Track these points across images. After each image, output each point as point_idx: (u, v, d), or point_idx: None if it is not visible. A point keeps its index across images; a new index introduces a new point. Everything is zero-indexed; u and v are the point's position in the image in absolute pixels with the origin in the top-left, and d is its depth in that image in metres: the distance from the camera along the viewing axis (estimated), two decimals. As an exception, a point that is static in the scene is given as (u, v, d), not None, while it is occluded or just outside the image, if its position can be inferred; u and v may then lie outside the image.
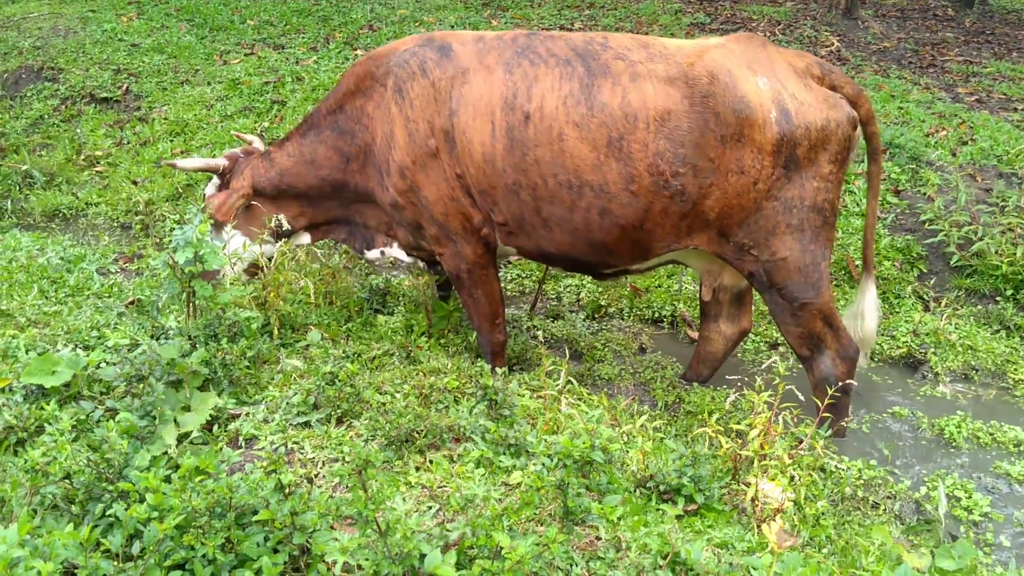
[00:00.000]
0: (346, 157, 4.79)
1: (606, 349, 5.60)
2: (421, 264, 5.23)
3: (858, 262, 6.17)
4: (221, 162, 5.04)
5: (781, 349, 5.71)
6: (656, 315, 6.13)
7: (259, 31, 11.28)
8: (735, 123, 4.09)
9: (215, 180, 5.12)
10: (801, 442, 4.02)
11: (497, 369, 4.25)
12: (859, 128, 4.34)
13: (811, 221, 4.28)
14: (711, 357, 5.12)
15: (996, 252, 6.09)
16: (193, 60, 10.10)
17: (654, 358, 5.49)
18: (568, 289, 6.42)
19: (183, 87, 9.45)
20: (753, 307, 5.13)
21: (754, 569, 2.86)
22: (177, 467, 3.12)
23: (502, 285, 6.37)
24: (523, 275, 6.57)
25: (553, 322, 5.91)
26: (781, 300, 4.43)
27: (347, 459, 3.24)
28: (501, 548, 2.61)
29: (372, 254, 5.13)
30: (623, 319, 6.12)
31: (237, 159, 5.09)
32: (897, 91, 9.40)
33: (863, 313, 4.70)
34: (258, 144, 5.24)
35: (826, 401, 3.90)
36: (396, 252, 5.06)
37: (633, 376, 5.29)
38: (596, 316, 6.15)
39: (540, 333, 5.00)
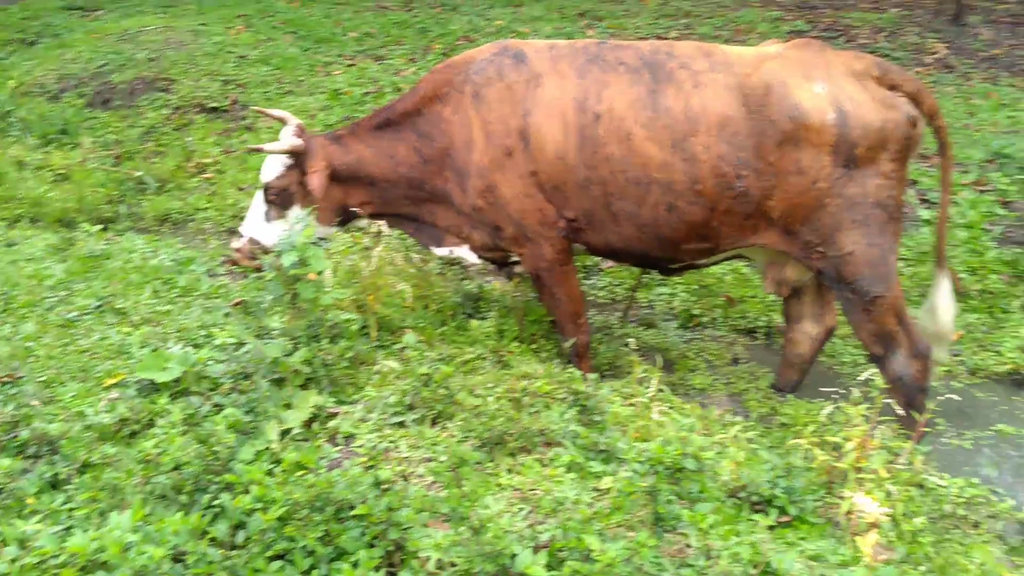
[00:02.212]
0: (424, 158, 4.94)
1: (699, 359, 5.57)
2: (491, 266, 5.36)
3: (962, 276, 6.00)
4: (300, 143, 4.95)
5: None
6: (750, 325, 6.06)
7: (360, 42, 11.58)
8: (791, 128, 4.23)
9: (273, 162, 5.01)
10: (898, 456, 3.94)
11: (588, 374, 4.31)
12: (920, 125, 4.37)
13: (876, 217, 4.34)
14: (799, 360, 5.10)
15: (1112, 266, 5.82)
16: (297, 72, 10.44)
17: (748, 368, 5.45)
18: (661, 297, 6.40)
19: (287, 97, 9.78)
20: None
21: (847, 580, 2.82)
22: (279, 461, 3.26)
23: (594, 294, 6.43)
24: (615, 283, 6.58)
25: (645, 330, 5.91)
26: (852, 295, 4.48)
27: (441, 458, 3.33)
28: (591, 551, 2.65)
29: (441, 251, 5.26)
30: (716, 329, 6.07)
31: (308, 141, 5.01)
32: (1007, 99, 9.06)
33: (936, 307, 4.64)
34: (292, 120, 5.09)
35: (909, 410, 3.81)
36: (464, 252, 5.19)
37: (726, 386, 5.26)
38: (689, 325, 6.12)
39: (632, 341, 5.00)
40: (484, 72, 4.72)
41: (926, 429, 4.61)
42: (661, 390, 4.34)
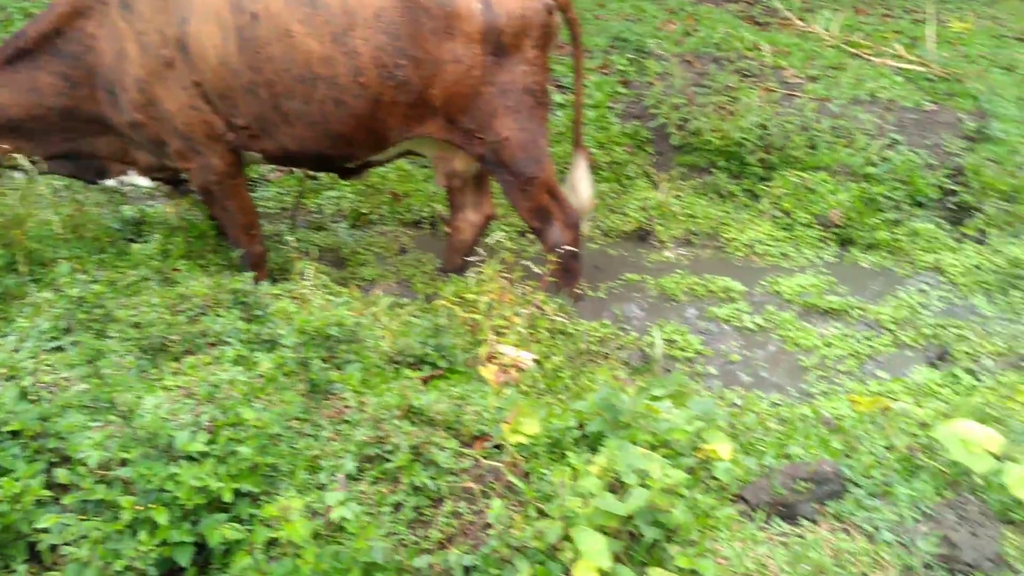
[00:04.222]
0: (72, 82, 4.71)
1: (369, 253, 5.89)
2: (164, 187, 5.28)
3: (593, 152, 6.75)
4: None
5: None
6: (416, 218, 6.46)
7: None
8: (443, 17, 4.50)
9: None
10: (542, 308, 4.53)
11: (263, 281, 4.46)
12: (556, 14, 4.81)
13: (526, 103, 4.77)
14: (463, 245, 5.55)
15: (710, 129, 6.83)
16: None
17: (414, 257, 5.86)
18: (330, 201, 6.62)
19: None
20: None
21: (482, 407, 3.30)
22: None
23: (263, 204, 6.51)
24: (283, 192, 6.70)
25: (316, 233, 6.12)
26: (511, 177, 4.91)
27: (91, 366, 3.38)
28: (246, 422, 2.90)
29: (110, 183, 5.11)
30: (385, 224, 6.41)
31: None
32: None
33: (575, 184, 5.24)
34: None
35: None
36: (134, 179, 5.07)
37: (395, 274, 5.63)
38: (359, 224, 6.41)
39: (292, 240, 5.19)
40: None
41: (579, 290, 5.29)
42: (324, 281, 4.59)
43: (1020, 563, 2.96)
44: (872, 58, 8.15)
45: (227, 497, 2.75)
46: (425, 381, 3.73)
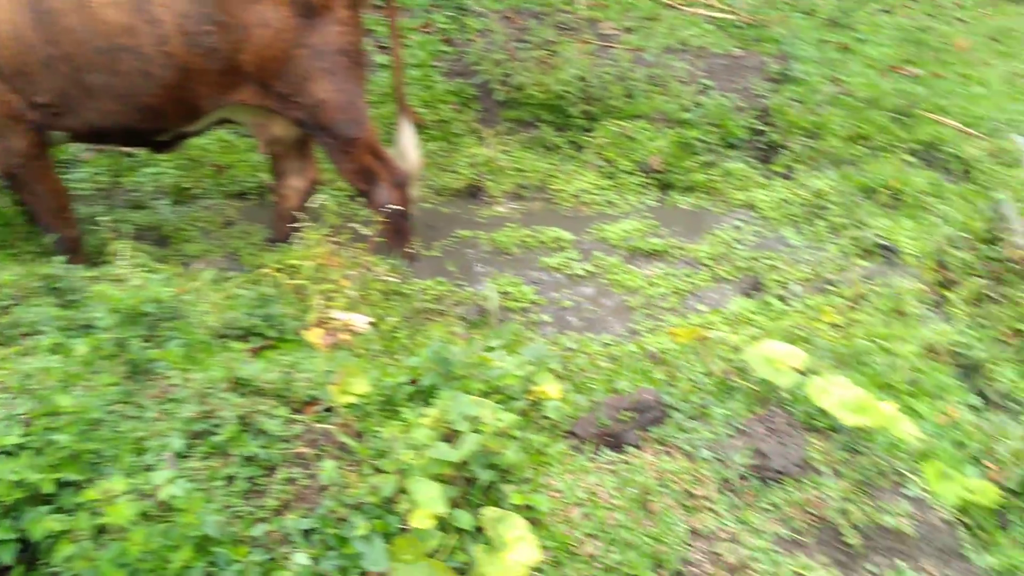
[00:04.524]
0: None
1: (193, 228, 5.69)
2: None
3: (420, 111, 6.75)
4: None
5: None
6: (240, 189, 6.28)
7: None
8: None
9: None
10: (372, 270, 4.53)
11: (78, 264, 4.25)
12: None
13: (341, 64, 4.73)
14: (290, 213, 5.44)
15: (532, 84, 6.94)
16: None
17: (241, 229, 5.70)
18: (149, 178, 6.33)
19: None
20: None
21: (313, 372, 3.29)
22: None
23: (76, 187, 6.17)
24: (98, 172, 6.35)
25: (135, 212, 5.86)
26: (331, 140, 4.89)
27: None
28: (62, 409, 2.79)
29: None
30: (209, 198, 6.20)
31: None
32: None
33: (402, 148, 5.25)
34: None
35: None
36: None
37: (221, 248, 5.47)
38: (181, 200, 6.17)
39: (118, 224, 4.95)
40: None
41: (412, 249, 5.31)
42: (144, 261, 4.43)
43: (823, 465, 3.24)
44: (684, 8, 8.48)
45: (48, 488, 2.65)
46: (255, 352, 3.68)
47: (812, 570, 2.86)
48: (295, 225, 5.05)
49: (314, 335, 3.30)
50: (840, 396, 3.35)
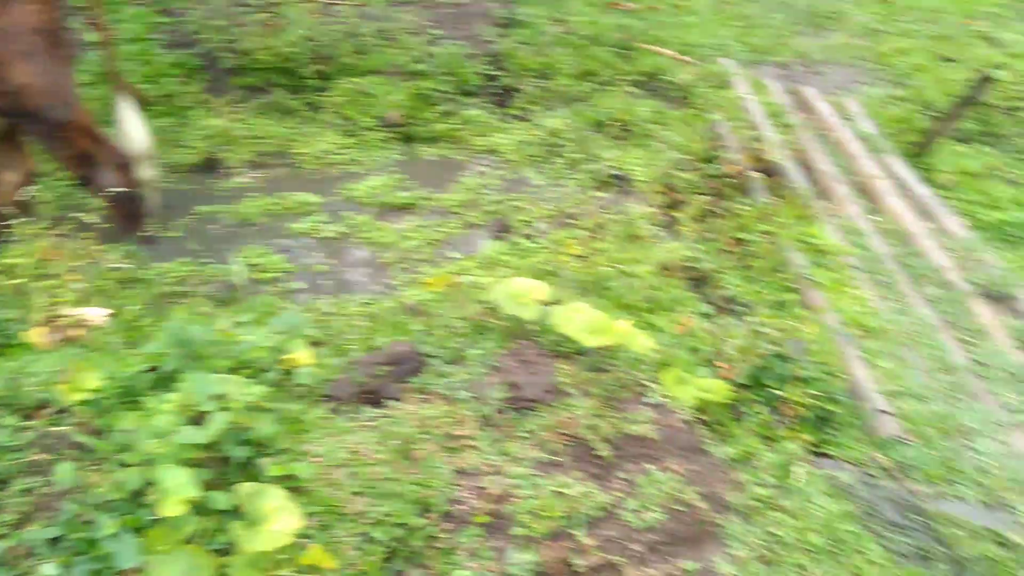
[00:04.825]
0: None
1: None
2: None
3: (143, 87, 6.34)
4: None
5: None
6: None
7: None
8: None
9: None
10: (99, 261, 4.24)
11: None
12: None
13: (38, 45, 4.40)
14: (5, 208, 5.00)
15: (260, 48, 6.70)
16: None
17: (-52, 232, 5.15)
18: None
19: None
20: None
21: (43, 374, 3.06)
22: None
23: None
24: None
25: None
26: (39, 126, 4.57)
27: None
28: None
29: None
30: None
31: None
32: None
33: (125, 130, 4.95)
34: None
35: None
36: None
37: (-73, 257, 4.93)
38: None
39: None
40: None
41: (148, 232, 5.01)
42: None
43: (571, 387, 3.42)
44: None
45: None
46: (-25, 364, 3.37)
47: (569, 487, 3.03)
48: (8, 222, 4.65)
49: (36, 335, 3.05)
50: (581, 321, 3.54)
